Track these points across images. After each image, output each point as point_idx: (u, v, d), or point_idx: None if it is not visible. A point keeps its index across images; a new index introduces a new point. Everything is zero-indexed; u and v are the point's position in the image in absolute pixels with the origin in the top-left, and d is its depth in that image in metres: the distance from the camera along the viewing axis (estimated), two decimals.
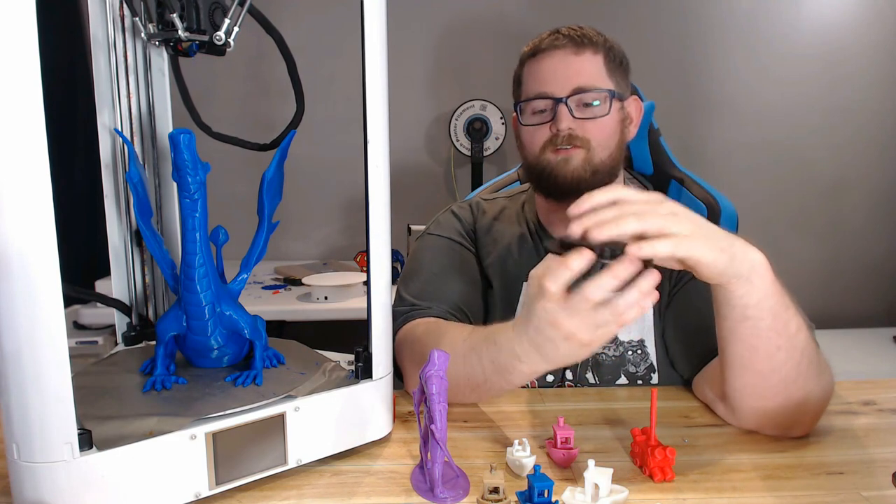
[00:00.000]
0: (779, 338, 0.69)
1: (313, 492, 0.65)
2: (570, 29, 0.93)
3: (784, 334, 0.69)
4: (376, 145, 0.67)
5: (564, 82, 0.90)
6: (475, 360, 0.75)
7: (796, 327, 0.70)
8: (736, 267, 0.64)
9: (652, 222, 0.61)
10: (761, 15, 2.42)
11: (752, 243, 0.68)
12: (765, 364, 0.71)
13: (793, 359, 0.70)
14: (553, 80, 0.91)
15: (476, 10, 2.43)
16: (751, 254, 0.66)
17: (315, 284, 1.88)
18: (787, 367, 0.71)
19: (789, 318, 0.69)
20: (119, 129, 0.78)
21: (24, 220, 0.49)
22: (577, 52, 0.91)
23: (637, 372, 0.96)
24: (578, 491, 0.60)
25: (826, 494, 0.64)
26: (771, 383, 0.72)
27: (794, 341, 0.70)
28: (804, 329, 0.71)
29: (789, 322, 0.69)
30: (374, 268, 0.70)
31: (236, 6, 0.70)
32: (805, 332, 0.71)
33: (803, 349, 0.71)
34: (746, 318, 0.68)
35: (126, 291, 0.83)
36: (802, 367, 0.71)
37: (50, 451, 0.53)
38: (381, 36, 0.66)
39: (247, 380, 0.68)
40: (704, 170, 1.31)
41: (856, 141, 2.49)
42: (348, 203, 2.47)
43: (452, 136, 2.36)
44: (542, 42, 0.94)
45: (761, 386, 0.73)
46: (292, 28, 0.96)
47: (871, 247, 2.55)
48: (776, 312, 0.68)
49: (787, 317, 0.69)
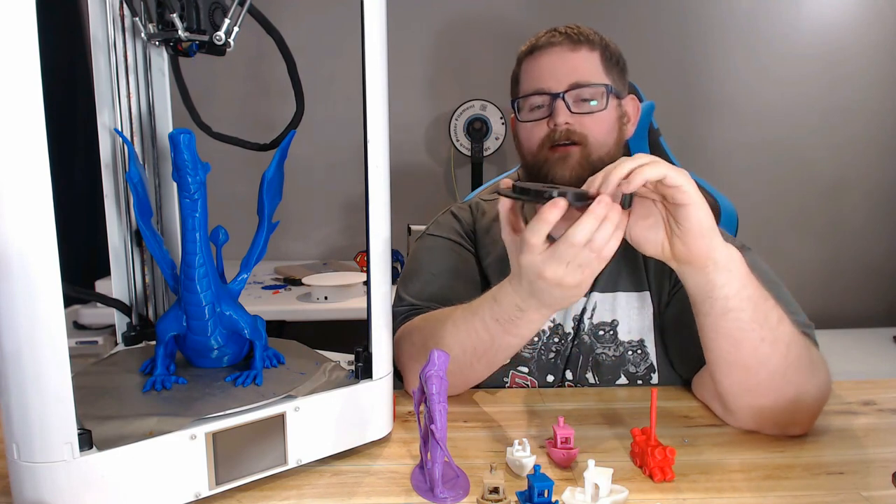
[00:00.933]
0: (761, 329, 0.71)
1: (313, 492, 0.65)
2: (567, 27, 0.94)
3: (766, 325, 0.71)
4: (376, 145, 0.67)
5: (561, 78, 0.91)
6: (479, 324, 0.78)
7: (777, 318, 0.72)
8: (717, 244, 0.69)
9: (645, 161, 0.67)
10: (761, 15, 2.42)
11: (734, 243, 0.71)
12: (750, 358, 0.72)
13: (778, 351, 0.72)
14: (550, 76, 0.92)
15: (476, 11, 2.43)
16: (728, 245, 0.70)
17: (315, 284, 1.88)
18: (774, 359, 0.72)
19: (769, 308, 0.71)
20: (119, 129, 0.78)
21: (24, 220, 0.49)
22: (574, 49, 0.92)
23: (637, 372, 0.96)
24: (578, 491, 0.60)
25: (826, 494, 0.64)
26: (759, 378, 0.73)
27: (777, 333, 0.71)
28: (786, 322, 0.73)
29: (769, 313, 0.71)
30: (374, 268, 0.70)
31: (236, 6, 0.70)
32: (788, 324, 0.73)
33: (788, 342, 0.72)
34: (728, 310, 0.70)
35: (126, 291, 0.83)
36: (790, 360, 0.72)
37: (50, 451, 0.53)
38: (381, 36, 0.66)
39: (247, 380, 0.68)
40: (704, 170, 1.31)
41: (856, 141, 2.49)
42: (348, 203, 2.47)
43: (452, 136, 2.36)
44: (538, 40, 0.95)
45: (750, 382, 0.74)
46: (292, 28, 0.96)
47: (871, 247, 2.55)
48: (756, 303, 0.71)
49: (766, 308, 0.71)
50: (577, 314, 0.97)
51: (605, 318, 0.96)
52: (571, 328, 0.97)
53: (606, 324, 0.96)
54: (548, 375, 0.98)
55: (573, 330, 0.97)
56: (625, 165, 0.66)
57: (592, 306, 0.96)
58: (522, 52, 0.97)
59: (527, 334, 0.77)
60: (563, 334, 0.98)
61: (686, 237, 0.68)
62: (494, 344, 0.78)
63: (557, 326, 0.98)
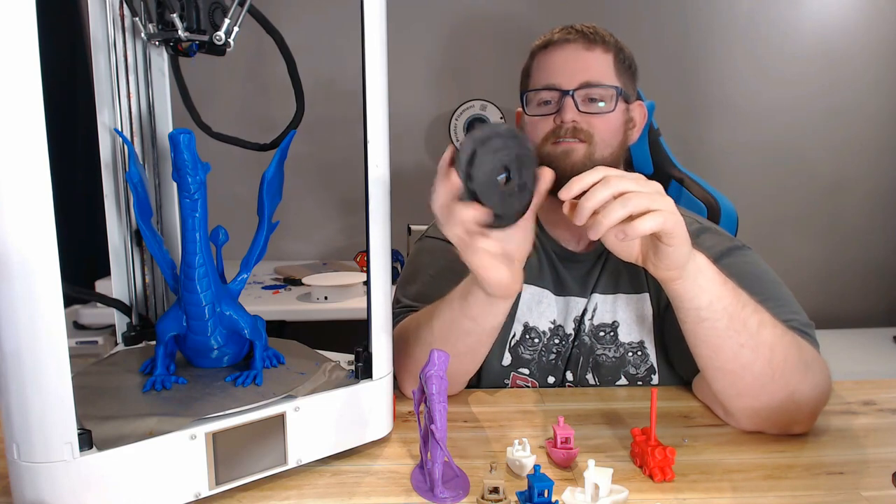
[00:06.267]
0: (739, 336, 0.71)
1: (313, 492, 0.65)
2: (584, 25, 0.94)
3: (744, 332, 0.71)
4: (376, 145, 0.67)
5: (573, 75, 0.91)
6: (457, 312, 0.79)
7: (757, 324, 0.72)
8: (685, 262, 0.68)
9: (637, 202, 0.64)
10: (761, 15, 2.42)
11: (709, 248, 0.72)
12: (733, 363, 0.72)
13: (762, 355, 0.72)
14: (562, 73, 0.91)
15: (476, 11, 2.43)
16: (697, 256, 0.70)
17: (315, 284, 1.88)
18: (758, 364, 0.72)
19: (747, 316, 0.71)
20: (119, 129, 0.78)
21: (24, 220, 0.49)
22: (588, 48, 0.92)
23: (637, 373, 0.96)
24: (578, 491, 0.60)
25: (826, 494, 0.64)
26: (746, 382, 0.73)
27: (757, 338, 0.71)
28: (768, 326, 0.72)
29: (748, 320, 0.71)
30: (374, 268, 0.70)
31: (236, 6, 0.70)
32: (770, 329, 0.72)
33: (772, 345, 0.72)
34: (701, 319, 0.71)
35: (126, 291, 0.83)
36: (776, 363, 0.72)
37: (50, 451, 0.53)
38: (381, 36, 0.66)
39: (247, 380, 0.68)
40: (704, 170, 1.32)
41: (856, 141, 2.49)
42: (348, 203, 2.47)
43: (452, 136, 2.36)
44: (553, 35, 0.94)
45: (738, 385, 0.74)
46: (292, 28, 0.95)
47: (871, 247, 2.55)
48: (731, 313, 0.70)
49: (744, 315, 0.71)
50: (578, 315, 0.97)
51: (606, 319, 0.96)
52: (572, 329, 0.97)
53: (607, 325, 0.96)
54: (548, 377, 0.98)
55: (574, 331, 0.97)
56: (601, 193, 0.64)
57: (593, 308, 0.96)
58: (536, 46, 0.97)
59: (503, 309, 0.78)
60: (563, 335, 0.98)
61: (659, 264, 0.69)
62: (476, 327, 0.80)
63: (558, 328, 0.98)
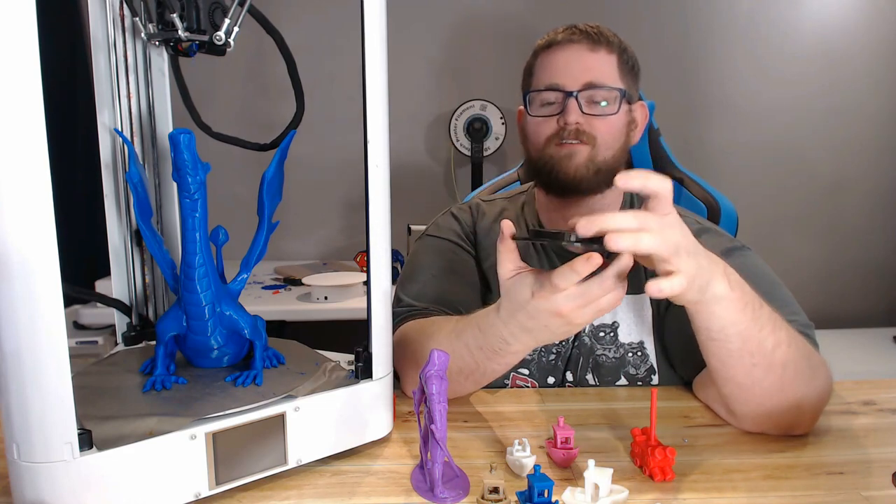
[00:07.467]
0: (752, 357, 0.69)
1: (313, 492, 0.65)
2: (588, 25, 0.93)
3: (758, 354, 0.69)
4: (376, 145, 0.67)
5: (577, 76, 0.90)
6: (463, 350, 0.77)
7: (773, 344, 0.69)
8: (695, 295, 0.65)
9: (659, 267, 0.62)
10: (761, 15, 2.42)
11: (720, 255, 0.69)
12: (744, 378, 0.72)
13: (773, 373, 0.71)
14: (566, 73, 0.91)
15: (476, 11, 2.43)
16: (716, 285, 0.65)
17: (315, 284, 1.88)
18: (768, 380, 0.71)
19: (763, 337, 0.69)
20: (119, 129, 0.78)
21: (24, 220, 0.49)
22: (593, 49, 0.91)
23: (637, 374, 0.95)
24: (578, 491, 0.60)
25: (826, 494, 0.64)
26: (754, 393, 0.73)
27: (771, 358, 0.70)
28: (784, 344, 0.70)
29: (763, 342, 0.69)
30: (374, 268, 0.70)
31: (236, 6, 0.70)
32: (785, 347, 0.70)
33: (784, 363, 0.70)
34: (712, 339, 0.70)
35: (126, 291, 0.83)
36: (786, 379, 0.71)
37: (50, 451, 0.53)
38: (381, 36, 0.66)
39: (247, 380, 0.68)
40: (704, 170, 1.31)
41: (856, 141, 2.49)
42: (348, 203, 2.47)
43: (452, 137, 2.36)
44: (557, 35, 0.94)
45: (746, 395, 0.74)
46: (292, 28, 0.96)
47: (871, 247, 2.55)
48: (746, 337, 0.68)
49: (760, 337, 0.68)
50: None
51: (606, 319, 0.96)
52: None
53: (607, 325, 0.96)
54: (548, 377, 0.98)
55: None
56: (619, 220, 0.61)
57: None
58: (540, 45, 0.96)
59: (511, 362, 0.77)
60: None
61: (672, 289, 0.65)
62: (480, 368, 0.78)
63: None
